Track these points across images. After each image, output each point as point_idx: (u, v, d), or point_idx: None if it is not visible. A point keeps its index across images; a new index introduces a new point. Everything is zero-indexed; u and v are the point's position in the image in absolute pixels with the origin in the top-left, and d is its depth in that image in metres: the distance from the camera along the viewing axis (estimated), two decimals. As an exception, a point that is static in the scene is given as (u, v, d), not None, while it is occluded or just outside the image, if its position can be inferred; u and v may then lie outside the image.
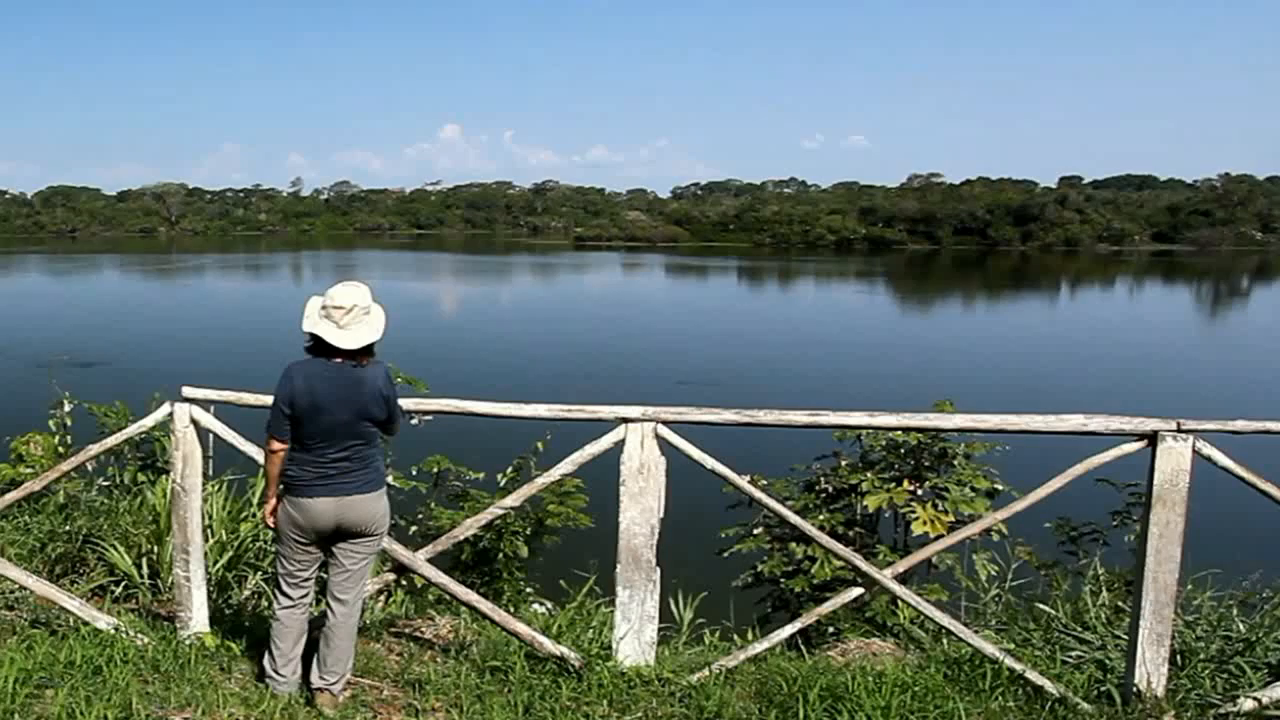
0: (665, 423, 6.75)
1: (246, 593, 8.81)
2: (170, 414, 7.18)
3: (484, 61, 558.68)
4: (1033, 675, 6.55)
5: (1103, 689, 6.55)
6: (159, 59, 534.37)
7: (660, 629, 7.04)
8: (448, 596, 7.59)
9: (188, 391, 7.18)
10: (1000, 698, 6.46)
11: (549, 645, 6.96)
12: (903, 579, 7.37)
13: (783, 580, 10.38)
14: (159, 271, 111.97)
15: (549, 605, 9.33)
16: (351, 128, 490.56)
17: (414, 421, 8.13)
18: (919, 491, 10.09)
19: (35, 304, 75.39)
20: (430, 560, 7.28)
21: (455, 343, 49.58)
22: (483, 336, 54.22)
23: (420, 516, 10.61)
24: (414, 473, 10.82)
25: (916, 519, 9.76)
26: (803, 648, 7.59)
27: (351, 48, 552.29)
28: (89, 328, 55.92)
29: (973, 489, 9.98)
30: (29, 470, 10.77)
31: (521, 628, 7.09)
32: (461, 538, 7.64)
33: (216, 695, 6.42)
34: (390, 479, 9.36)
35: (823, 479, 11.04)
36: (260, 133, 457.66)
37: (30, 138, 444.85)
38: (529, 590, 10.11)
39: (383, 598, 8.87)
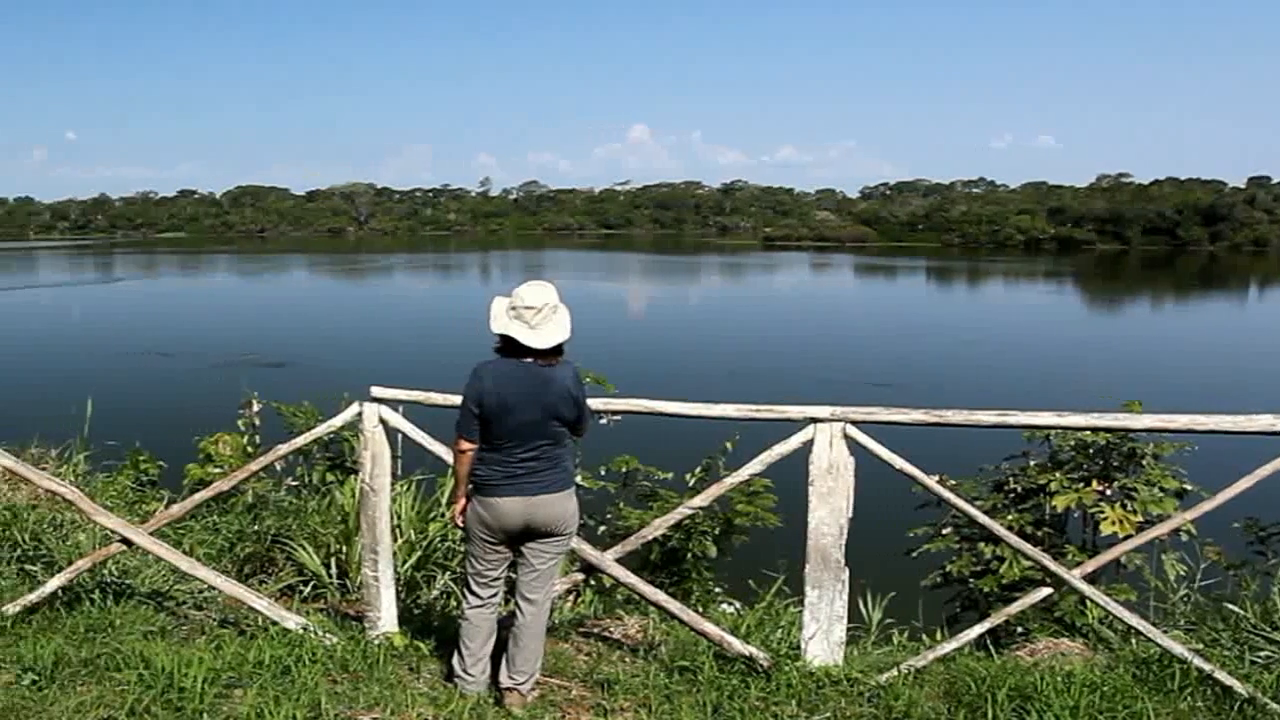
0: (854, 423, 6.73)
1: (435, 592, 8.88)
2: (359, 414, 7.28)
3: (673, 62, 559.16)
4: (1221, 675, 6.41)
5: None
6: (349, 59, 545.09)
7: (849, 629, 7.00)
8: (636, 596, 7.58)
9: (376, 391, 7.26)
10: (1189, 698, 6.34)
11: (737, 645, 6.93)
12: (1091, 579, 7.23)
13: (971, 580, 10.26)
14: (347, 271, 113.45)
15: (737, 605, 9.27)
16: (540, 128, 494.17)
17: (603, 421, 8.10)
18: (1107, 491, 9.91)
19: (224, 304, 76.59)
20: (619, 560, 7.30)
21: (644, 343, 49.49)
22: (671, 336, 54.13)
23: (609, 516, 10.60)
24: (603, 473, 10.85)
25: (1105, 519, 9.58)
26: (991, 648, 7.43)
27: (541, 48, 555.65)
28: (277, 328, 56.62)
29: (1161, 489, 9.76)
30: (218, 470, 10.92)
31: (710, 628, 7.07)
32: (650, 538, 7.66)
33: (405, 695, 6.46)
34: (579, 479, 9.36)
35: (1011, 479, 10.87)
36: (449, 133, 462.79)
37: (219, 138, 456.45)
38: (717, 590, 10.06)
39: (571, 597, 8.87)
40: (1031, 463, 10.69)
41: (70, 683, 6.47)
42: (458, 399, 6.39)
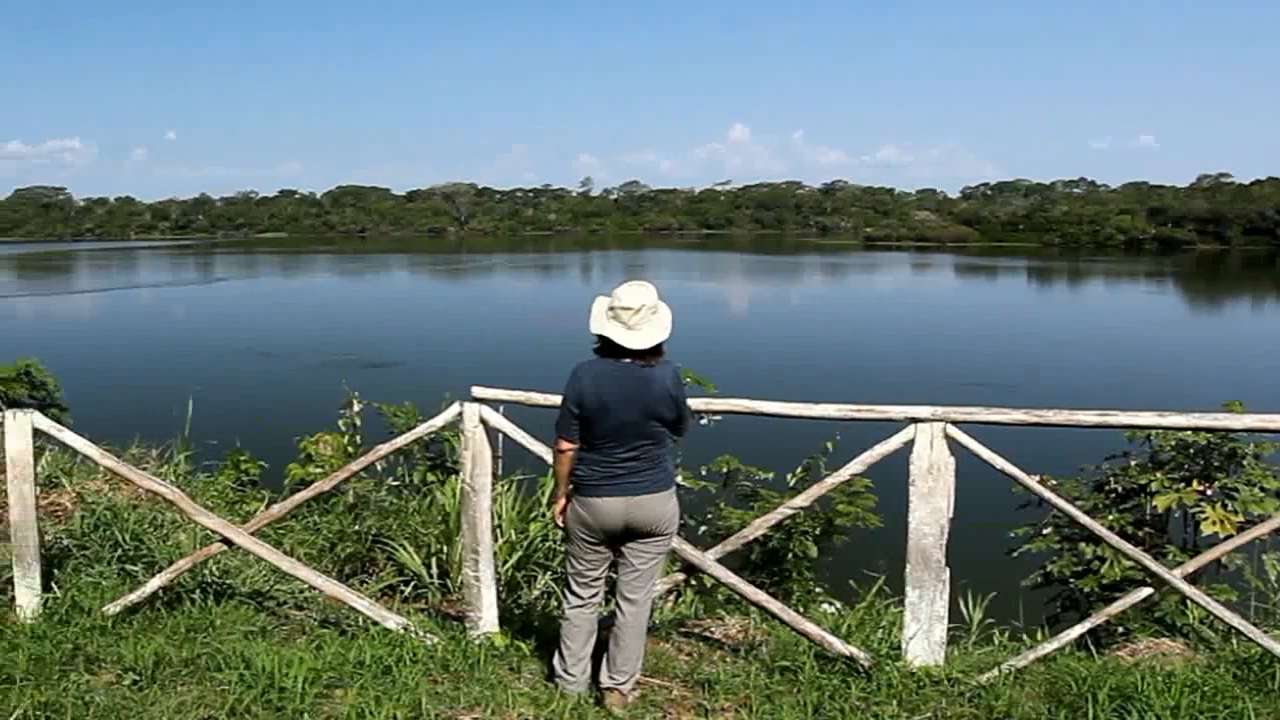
0: (955, 422, 6.70)
1: (536, 592, 8.91)
2: (460, 414, 7.30)
3: (774, 62, 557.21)
4: (1323, 676, 6.33)
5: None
6: (449, 59, 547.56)
7: (949, 629, 6.97)
8: (737, 596, 7.59)
9: (477, 391, 7.28)
10: (1290, 698, 6.27)
11: (838, 645, 6.92)
12: (1192, 579, 7.18)
13: (1072, 580, 10.23)
14: (448, 271, 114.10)
15: (838, 605, 9.25)
16: (641, 128, 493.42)
17: (703, 421, 8.09)
18: (1208, 491, 9.84)
19: (324, 304, 77.18)
20: (720, 560, 7.29)
21: (745, 342, 49.43)
22: (771, 336, 54.03)
23: (710, 516, 10.63)
24: (704, 473, 10.89)
25: (1206, 519, 9.50)
26: (1092, 648, 7.42)
27: (643, 48, 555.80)
28: (378, 328, 56.97)
29: (1262, 489, 9.67)
30: (319, 470, 11.00)
31: (811, 628, 7.07)
32: (751, 538, 7.65)
33: (506, 695, 6.47)
34: (680, 479, 9.39)
35: (1112, 479, 10.84)
36: (551, 133, 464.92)
37: (320, 138, 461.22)
38: (818, 590, 10.06)
39: (672, 597, 8.88)
40: (1132, 463, 10.69)
41: (171, 683, 6.52)
42: (558, 399, 6.41)
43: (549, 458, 6.85)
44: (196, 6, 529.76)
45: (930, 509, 6.68)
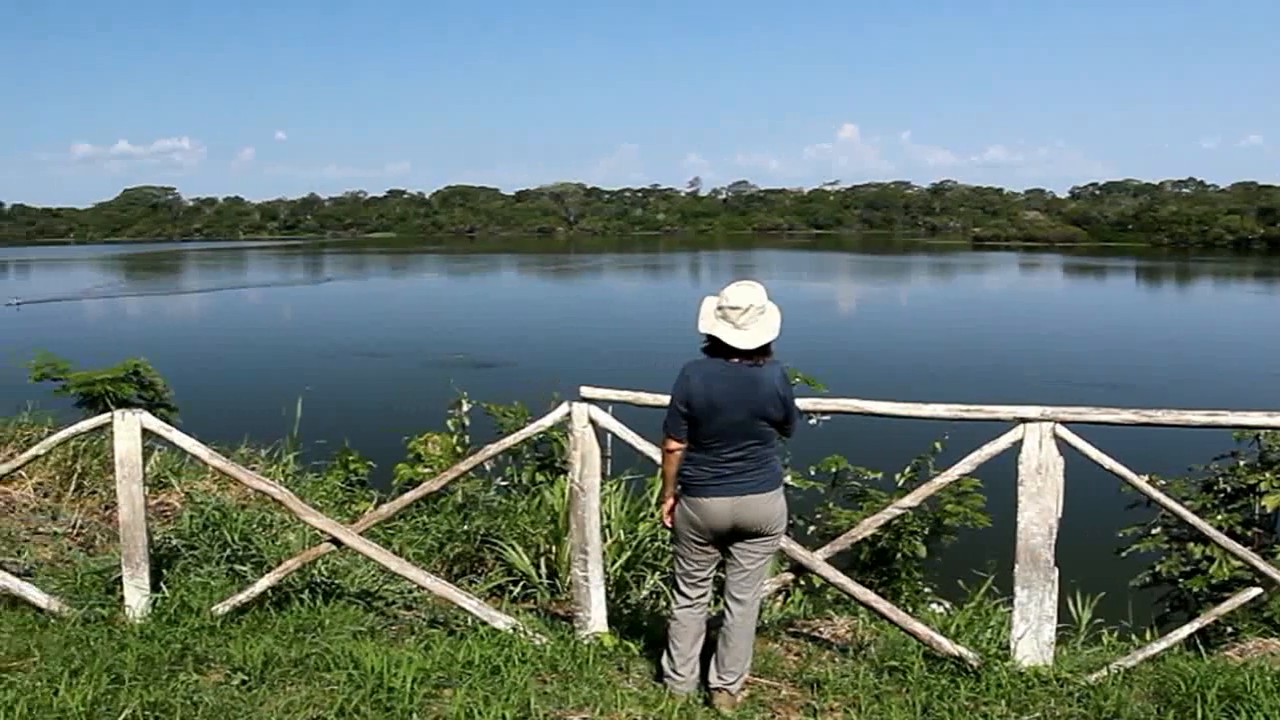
0: (1063, 423, 6.68)
1: (644, 592, 8.90)
2: (568, 414, 7.32)
3: (884, 61, 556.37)
4: None
5: None
6: (558, 59, 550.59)
7: (1058, 629, 6.93)
8: (846, 596, 7.56)
9: (586, 391, 7.30)
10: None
11: (947, 645, 6.91)
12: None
13: (1180, 580, 10.19)
14: (557, 271, 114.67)
15: (946, 605, 9.28)
16: (750, 128, 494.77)
17: (812, 421, 8.05)
18: (1318, 491, 9.73)
19: (432, 304, 77.87)
20: (828, 560, 7.30)
21: (853, 343, 49.43)
22: (880, 336, 54.07)
23: (818, 516, 10.67)
24: (812, 472, 10.95)
25: (1315, 519, 9.42)
26: (1200, 648, 7.36)
27: (753, 48, 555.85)
28: (486, 328, 57.50)
29: (1371, 488, 9.57)
30: (427, 470, 11.09)
31: (919, 627, 7.06)
32: (860, 538, 7.64)
33: (614, 695, 6.48)
34: (788, 479, 9.38)
35: (1220, 479, 10.79)
36: (658, 133, 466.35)
37: (428, 138, 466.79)
38: (926, 590, 10.11)
39: (781, 597, 8.87)
40: (1241, 463, 10.58)
41: (279, 683, 6.57)
42: (666, 399, 6.42)
43: (657, 458, 6.86)
44: (307, 8, 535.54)
45: (1039, 509, 6.66)
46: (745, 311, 6.10)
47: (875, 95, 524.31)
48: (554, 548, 9.22)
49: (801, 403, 6.69)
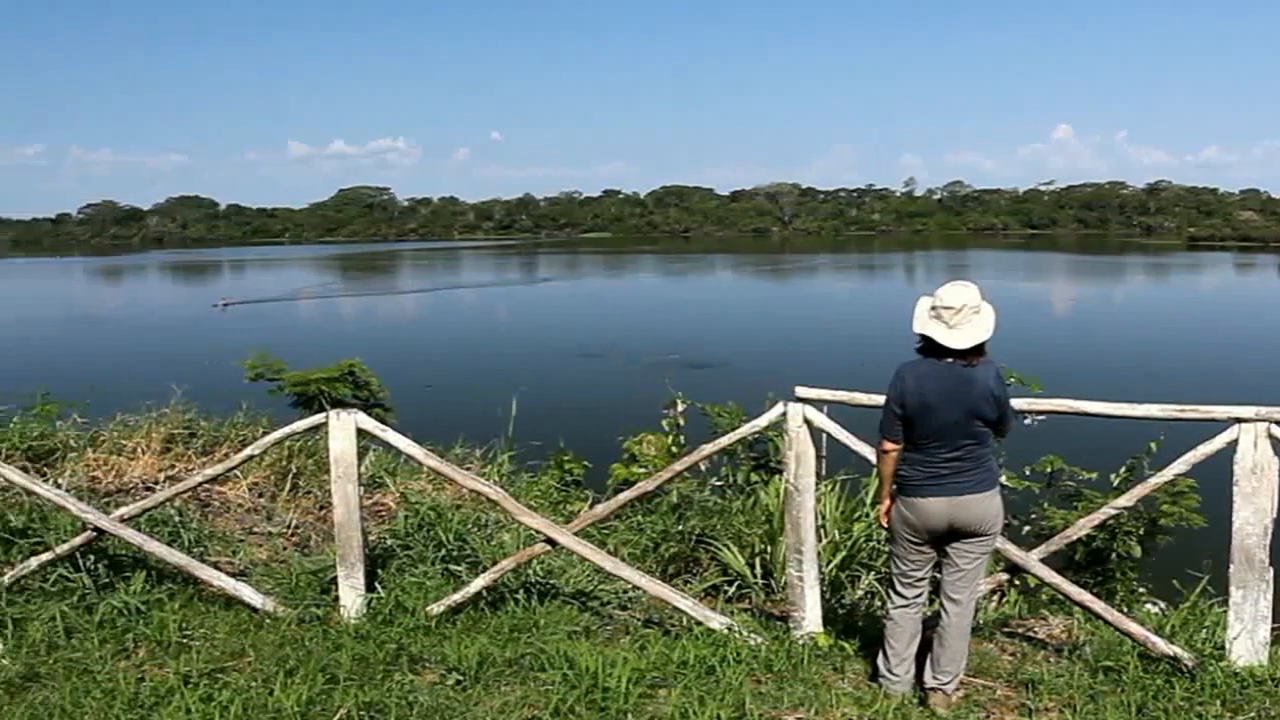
0: (1279, 423, 6.56)
1: (859, 592, 8.88)
2: (784, 414, 7.36)
3: (1100, 60, 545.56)
4: None
5: None
6: (771, 58, 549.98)
7: (1274, 629, 6.82)
8: (1060, 596, 7.53)
9: (801, 391, 7.35)
10: None
11: (1162, 645, 6.87)
12: None
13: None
14: (772, 271, 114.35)
15: (1161, 605, 9.10)
16: (964, 128, 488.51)
17: (1027, 421, 8.00)
18: None
19: (647, 304, 77.87)
20: (1043, 560, 7.30)
21: (1067, 342, 48.71)
22: (1094, 336, 53.15)
23: (1033, 516, 10.55)
24: (1027, 472, 10.84)
25: None
26: None
27: (967, 46, 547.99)
28: (700, 328, 57.29)
29: None
30: (642, 470, 11.13)
31: (1134, 628, 7.02)
32: (1074, 538, 7.64)
33: (829, 695, 6.51)
34: (1003, 479, 9.33)
35: None
36: (873, 133, 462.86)
37: (643, 138, 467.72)
38: (1141, 590, 9.92)
39: (996, 597, 8.81)
40: None
41: (494, 683, 6.67)
42: (881, 399, 6.46)
43: (872, 458, 6.91)
44: (520, 9, 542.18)
45: (1254, 509, 6.58)
46: (959, 311, 6.13)
47: (1091, 94, 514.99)
48: (769, 547, 9.21)
49: (1017, 402, 6.72)
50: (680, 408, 12.14)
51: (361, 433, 7.89)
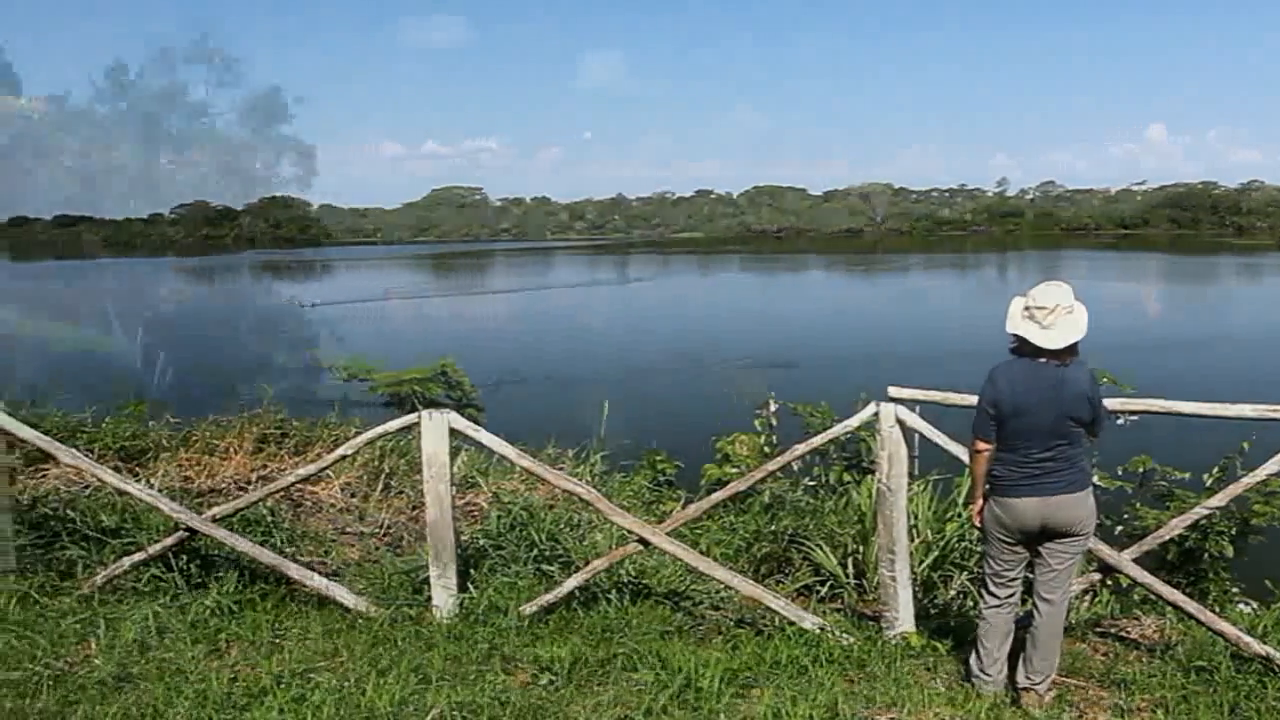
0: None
1: (952, 592, 8.92)
2: (876, 414, 7.42)
3: (1193, 59, 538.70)
4: None
5: None
6: (860, 57, 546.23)
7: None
8: (1153, 596, 7.57)
9: (893, 391, 7.43)
10: None
11: (1255, 645, 6.86)
12: None
13: None
14: (864, 271, 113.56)
15: (1254, 605, 9.05)
16: (1056, 128, 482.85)
17: (1120, 421, 8.06)
18: None
19: (739, 304, 77.18)
20: (1136, 560, 7.32)
21: (1159, 342, 48.25)
22: (1186, 336, 52.55)
23: (1125, 516, 10.48)
24: (1119, 472, 10.76)
25: None
26: None
27: (1060, 45, 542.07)
28: (793, 328, 56.65)
29: None
30: (734, 470, 11.16)
31: (1227, 627, 7.01)
32: (1167, 538, 7.67)
33: (922, 695, 6.53)
34: (1095, 479, 9.28)
35: None
36: (964, 132, 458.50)
37: (735, 137, 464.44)
38: (1234, 590, 9.84)
39: (1088, 597, 8.83)
40: None
41: (587, 683, 6.71)
42: (974, 399, 6.51)
43: (964, 458, 6.96)
44: (613, 11, 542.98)
45: (1344, 509, 6.50)
46: (1052, 311, 6.15)
47: (1184, 94, 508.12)
48: (861, 547, 9.24)
49: (1109, 403, 6.76)
50: (772, 408, 12.13)
51: (454, 433, 7.94)
